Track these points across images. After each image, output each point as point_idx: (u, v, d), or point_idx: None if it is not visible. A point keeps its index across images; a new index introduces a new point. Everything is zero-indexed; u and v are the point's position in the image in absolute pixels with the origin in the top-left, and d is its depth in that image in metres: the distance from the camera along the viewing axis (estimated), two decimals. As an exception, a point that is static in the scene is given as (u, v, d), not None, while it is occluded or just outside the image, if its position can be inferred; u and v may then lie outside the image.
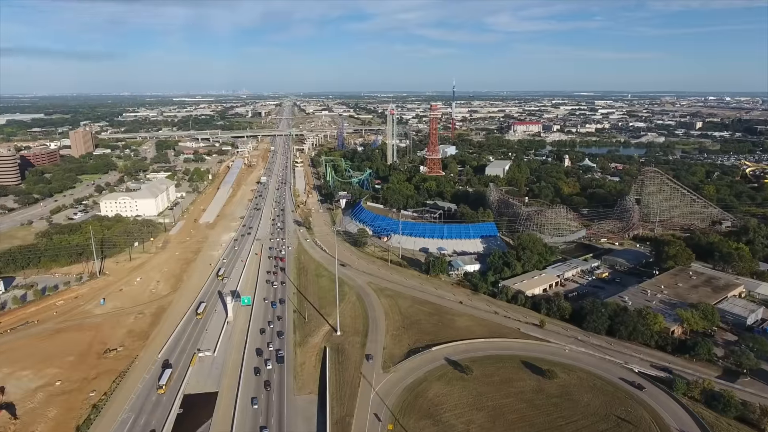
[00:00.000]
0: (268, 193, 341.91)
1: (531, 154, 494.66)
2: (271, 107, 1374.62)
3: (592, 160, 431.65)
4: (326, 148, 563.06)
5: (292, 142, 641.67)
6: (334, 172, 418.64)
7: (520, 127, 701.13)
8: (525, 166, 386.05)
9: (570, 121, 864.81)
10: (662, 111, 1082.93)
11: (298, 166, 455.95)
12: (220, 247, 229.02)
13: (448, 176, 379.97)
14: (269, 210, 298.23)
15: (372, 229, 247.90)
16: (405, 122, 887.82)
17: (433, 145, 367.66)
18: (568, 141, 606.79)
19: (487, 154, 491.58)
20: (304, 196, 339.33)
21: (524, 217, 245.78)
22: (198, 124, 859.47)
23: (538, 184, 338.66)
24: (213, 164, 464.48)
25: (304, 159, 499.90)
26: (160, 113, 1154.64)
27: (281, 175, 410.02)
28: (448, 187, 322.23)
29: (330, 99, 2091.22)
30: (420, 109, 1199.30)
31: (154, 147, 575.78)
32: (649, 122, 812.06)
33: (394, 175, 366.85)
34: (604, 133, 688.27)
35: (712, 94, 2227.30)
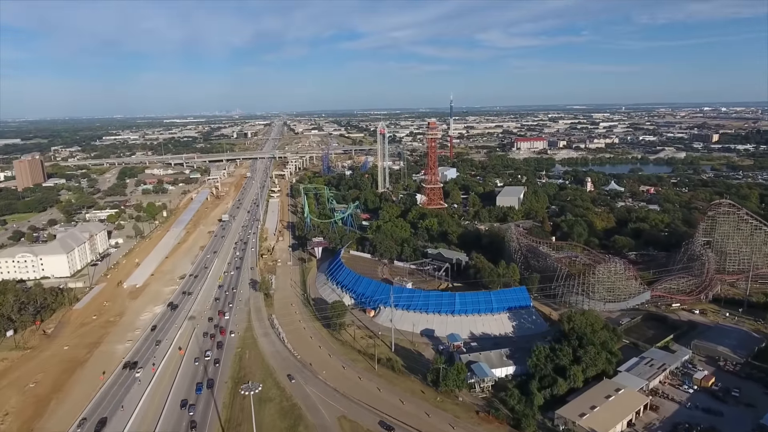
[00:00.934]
0: (229, 237, 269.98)
1: (542, 175, 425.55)
2: (260, 127, 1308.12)
3: (619, 183, 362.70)
4: (310, 173, 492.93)
5: (272, 166, 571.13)
6: (317, 203, 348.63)
7: (524, 144, 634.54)
8: (542, 193, 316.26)
9: (573, 136, 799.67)
10: (667, 123, 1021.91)
11: (274, 196, 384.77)
12: (135, 333, 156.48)
13: (451, 208, 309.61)
14: (223, 263, 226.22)
15: (354, 298, 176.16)
16: (398, 141, 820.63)
17: (432, 170, 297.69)
18: (579, 159, 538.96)
19: (492, 176, 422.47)
20: (274, 238, 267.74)
21: (563, 274, 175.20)
22: (177, 147, 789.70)
23: (563, 217, 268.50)
24: (175, 196, 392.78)
25: (282, 187, 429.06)
26: (143, 136, 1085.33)
27: (252, 210, 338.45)
28: (452, 225, 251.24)
29: (322, 117, 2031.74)
30: (414, 126, 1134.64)
31: (117, 175, 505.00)
32: (658, 135, 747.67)
33: (385, 208, 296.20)
34: (615, 148, 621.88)
35: (706, 105, 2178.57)
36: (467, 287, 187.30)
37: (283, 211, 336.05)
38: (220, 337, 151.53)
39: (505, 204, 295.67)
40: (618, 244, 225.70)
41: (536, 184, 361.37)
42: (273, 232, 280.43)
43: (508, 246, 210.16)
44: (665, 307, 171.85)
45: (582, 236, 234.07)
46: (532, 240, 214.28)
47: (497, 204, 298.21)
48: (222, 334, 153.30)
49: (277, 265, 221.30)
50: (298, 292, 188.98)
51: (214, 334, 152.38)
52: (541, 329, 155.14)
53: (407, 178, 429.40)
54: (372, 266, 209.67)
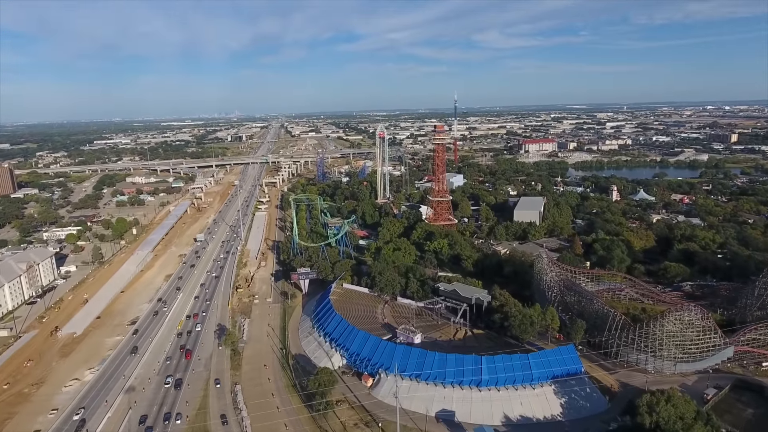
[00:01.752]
0: (202, 263, 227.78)
1: (558, 182, 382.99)
2: (257, 130, 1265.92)
3: (648, 191, 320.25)
4: (304, 180, 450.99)
5: (264, 172, 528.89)
6: (309, 215, 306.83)
7: (532, 146, 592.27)
8: (565, 204, 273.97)
9: (582, 137, 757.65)
10: (676, 123, 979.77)
11: (261, 208, 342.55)
12: (47, 417, 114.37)
13: (461, 223, 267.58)
14: (189, 297, 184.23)
15: (346, 357, 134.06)
16: (398, 143, 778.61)
17: (439, 182, 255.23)
18: (593, 162, 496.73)
19: (503, 183, 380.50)
20: (255, 263, 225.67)
21: (617, 323, 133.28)
22: (167, 152, 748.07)
23: (594, 235, 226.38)
24: (153, 208, 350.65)
25: (272, 197, 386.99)
26: (135, 140, 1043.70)
27: (235, 225, 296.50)
28: (466, 248, 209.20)
29: (321, 119, 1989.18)
30: (414, 127, 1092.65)
31: (95, 184, 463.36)
32: (671, 136, 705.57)
33: (385, 224, 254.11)
34: (630, 150, 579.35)
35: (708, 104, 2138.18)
36: (492, 338, 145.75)
37: (270, 227, 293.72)
38: (161, 426, 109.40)
39: (524, 219, 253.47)
40: (669, 273, 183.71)
41: (554, 193, 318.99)
42: (255, 254, 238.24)
43: (538, 278, 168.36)
44: (755, 367, 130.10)
45: (624, 262, 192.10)
46: (568, 270, 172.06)
47: (515, 219, 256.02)
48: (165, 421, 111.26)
49: (253, 303, 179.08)
50: (276, 345, 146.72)
51: (152, 426, 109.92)
52: (599, 408, 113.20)
53: (409, 185, 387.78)
54: (370, 304, 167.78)
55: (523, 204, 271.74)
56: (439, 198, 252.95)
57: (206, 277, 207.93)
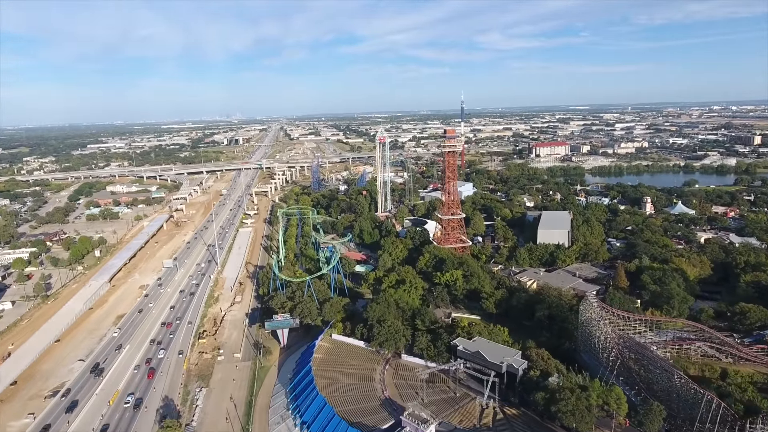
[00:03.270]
0: (166, 295, 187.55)
1: (579, 191, 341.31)
2: (255, 132, 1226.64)
3: (687, 203, 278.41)
4: (299, 188, 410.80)
5: (257, 179, 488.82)
6: (300, 231, 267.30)
7: (543, 149, 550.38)
8: (596, 221, 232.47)
9: (593, 139, 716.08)
10: (688, 123, 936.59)
11: (247, 223, 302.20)
12: None
13: (474, 242, 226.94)
14: (136, 353, 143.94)
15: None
16: (401, 146, 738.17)
17: (450, 196, 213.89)
18: (612, 167, 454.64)
19: (516, 191, 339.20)
20: (230, 296, 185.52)
21: (717, 416, 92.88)
22: (159, 157, 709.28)
23: (637, 262, 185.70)
24: (127, 223, 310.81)
25: (262, 208, 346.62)
26: (130, 144, 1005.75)
27: (215, 245, 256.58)
28: (486, 282, 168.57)
29: (322, 121, 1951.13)
30: (416, 129, 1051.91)
31: (73, 193, 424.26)
32: (688, 138, 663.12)
33: (387, 245, 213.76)
34: (648, 153, 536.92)
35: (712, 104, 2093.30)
36: (532, 423, 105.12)
37: (254, 247, 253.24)
38: None
39: (549, 239, 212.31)
40: (749, 318, 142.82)
41: (578, 206, 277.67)
42: (232, 284, 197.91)
43: (586, 331, 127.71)
44: None
45: (686, 302, 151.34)
46: (620, 316, 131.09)
47: (539, 239, 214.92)
48: None
49: (217, 359, 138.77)
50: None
51: None
52: None
53: (413, 195, 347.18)
54: (366, 366, 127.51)
55: (547, 221, 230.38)
56: (450, 215, 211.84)
57: (173, 310, 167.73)
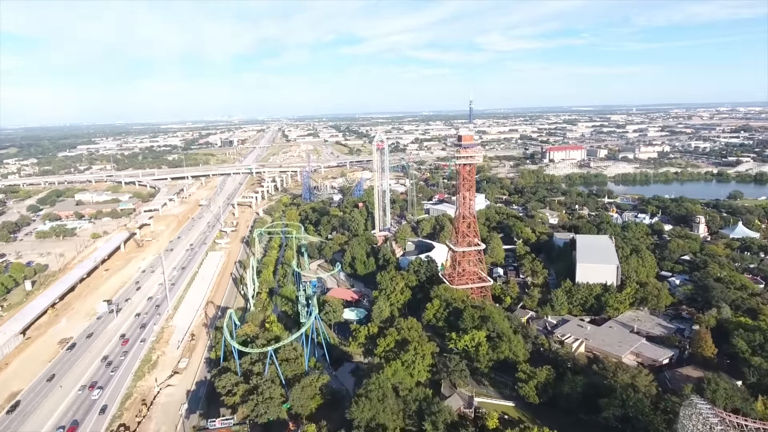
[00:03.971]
0: (87, 358, 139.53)
1: (609, 205, 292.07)
2: (252, 133, 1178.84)
3: (749, 224, 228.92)
4: (287, 198, 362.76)
5: (245, 185, 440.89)
6: (281, 256, 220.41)
7: (557, 153, 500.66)
8: (647, 252, 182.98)
9: (605, 142, 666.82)
10: (704, 126, 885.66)
11: (221, 243, 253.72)
12: None
13: (499, 284, 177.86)
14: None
15: None
16: (402, 149, 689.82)
17: (465, 223, 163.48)
18: (638, 175, 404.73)
19: (536, 204, 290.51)
20: (172, 360, 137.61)
21: None
22: (147, 159, 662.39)
23: (715, 313, 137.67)
24: (82, 241, 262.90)
25: (242, 223, 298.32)
26: (121, 145, 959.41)
27: (178, 274, 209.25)
28: (518, 347, 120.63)
29: (322, 121, 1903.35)
30: (419, 131, 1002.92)
31: (36, 202, 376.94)
32: (710, 141, 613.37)
33: (385, 284, 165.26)
34: (671, 159, 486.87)
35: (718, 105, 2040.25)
36: None
37: (222, 279, 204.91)
38: None
39: (593, 278, 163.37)
40: None
41: (614, 224, 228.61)
42: (181, 338, 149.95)
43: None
44: None
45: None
46: (732, 422, 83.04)
47: (579, 277, 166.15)
48: None
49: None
50: None
51: None
52: None
53: (416, 207, 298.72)
54: None
55: (586, 249, 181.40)
56: (466, 245, 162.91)
57: (69, 406, 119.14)
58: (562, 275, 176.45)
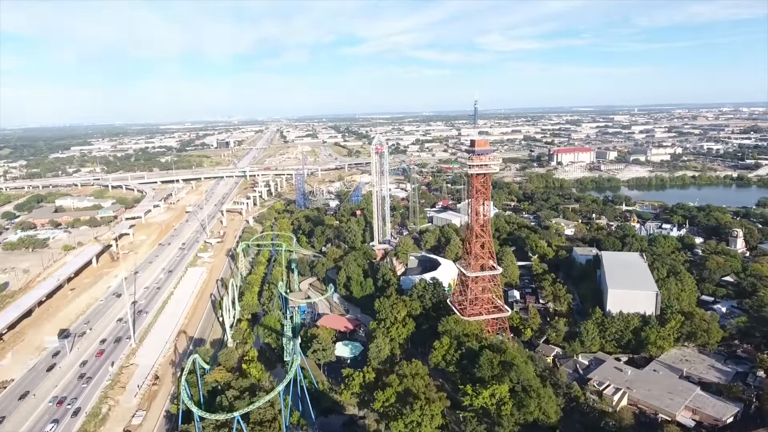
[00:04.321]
0: (16, 415, 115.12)
1: (630, 215, 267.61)
2: (251, 134, 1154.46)
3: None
4: (281, 204, 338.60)
5: (238, 189, 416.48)
6: (268, 272, 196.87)
7: (565, 156, 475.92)
8: (687, 275, 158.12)
9: (613, 143, 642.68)
10: (712, 126, 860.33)
11: (203, 257, 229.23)
12: None
13: (517, 312, 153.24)
14: None
15: None
16: (403, 150, 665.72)
17: (479, 243, 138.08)
18: (653, 179, 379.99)
19: (548, 212, 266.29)
20: (127, 412, 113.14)
21: None
22: (138, 162, 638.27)
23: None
24: (54, 254, 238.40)
25: (230, 233, 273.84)
26: (115, 146, 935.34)
27: (144, 298, 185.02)
28: (549, 405, 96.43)
29: (322, 122, 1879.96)
30: (419, 131, 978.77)
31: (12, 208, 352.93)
32: (722, 143, 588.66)
33: (383, 312, 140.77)
34: (685, 161, 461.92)
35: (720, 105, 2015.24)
36: None
37: (200, 302, 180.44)
38: None
39: (628, 306, 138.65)
40: None
41: (639, 237, 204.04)
42: (141, 382, 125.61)
43: None
44: None
45: None
46: None
47: (609, 305, 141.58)
48: None
49: None
50: None
51: None
52: None
53: (418, 215, 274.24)
54: None
55: (616, 271, 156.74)
56: (479, 269, 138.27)
57: None
58: (588, 300, 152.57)
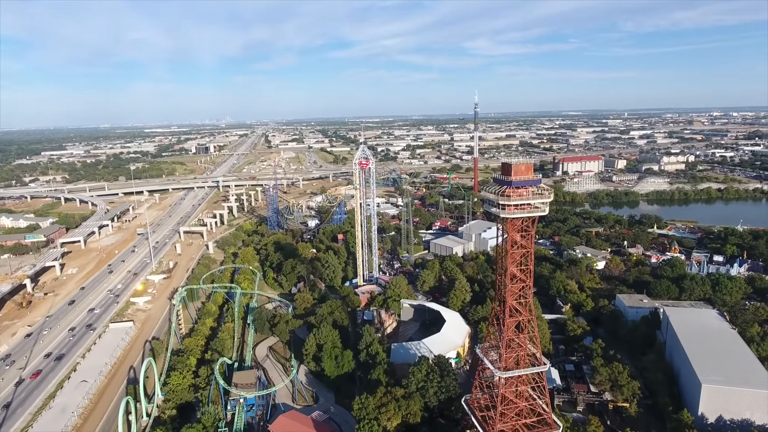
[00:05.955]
0: None
1: (665, 238, 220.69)
2: (234, 138, 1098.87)
3: None
4: (251, 223, 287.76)
5: (206, 202, 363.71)
6: (223, 313, 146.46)
7: (571, 165, 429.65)
8: None
9: (608, 149, 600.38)
10: (714, 132, 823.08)
11: (137, 304, 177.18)
12: None
13: (560, 411, 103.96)
14: None
15: None
16: (393, 157, 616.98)
17: (513, 319, 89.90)
18: (675, 193, 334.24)
19: (571, 239, 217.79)
20: None
21: None
22: (109, 168, 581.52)
23: None
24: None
25: (182, 264, 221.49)
26: (89, 151, 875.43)
27: (40, 370, 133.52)
28: None
29: (311, 126, 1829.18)
30: (410, 136, 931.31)
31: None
32: (733, 149, 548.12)
33: (368, 415, 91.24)
34: (705, 172, 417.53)
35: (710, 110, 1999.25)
36: None
37: (115, 377, 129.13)
38: None
39: (728, 410, 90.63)
40: None
41: (693, 275, 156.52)
42: None
43: None
44: None
45: None
46: None
47: (702, 408, 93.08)
48: None
49: None
50: None
51: None
52: None
53: (412, 241, 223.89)
54: None
55: (698, 346, 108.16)
56: (516, 367, 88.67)
57: None
58: (655, 385, 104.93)
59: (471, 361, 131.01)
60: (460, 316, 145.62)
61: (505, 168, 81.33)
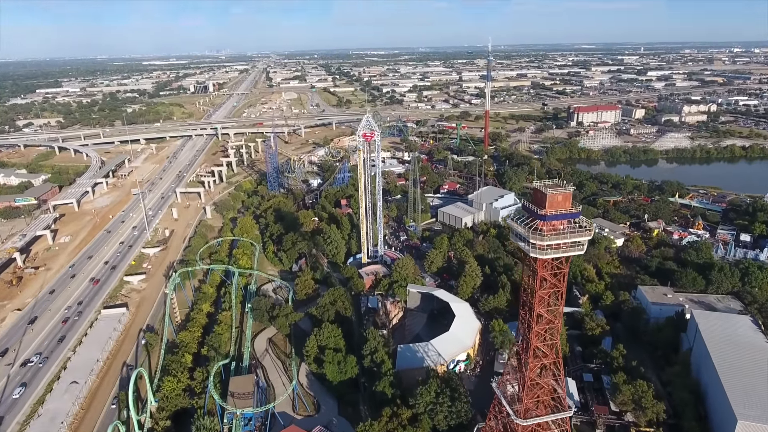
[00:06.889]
0: None
1: (686, 210, 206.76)
2: (234, 74, 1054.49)
3: None
4: (250, 182, 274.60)
5: (204, 156, 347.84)
6: (218, 296, 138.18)
7: (586, 115, 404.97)
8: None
9: (625, 93, 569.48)
10: (736, 74, 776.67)
11: (131, 283, 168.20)
12: None
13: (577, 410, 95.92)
14: None
15: None
16: (399, 100, 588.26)
17: (537, 361, 79.30)
18: (697, 150, 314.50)
19: (587, 209, 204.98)
20: None
21: None
22: (105, 110, 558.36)
23: None
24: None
25: (178, 232, 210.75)
26: (86, 88, 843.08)
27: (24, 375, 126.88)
28: None
29: (313, 59, 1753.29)
30: (417, 74, 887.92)
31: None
32: (757, 96, 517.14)
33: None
34: (729, 125, 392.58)
35: (728, 45, 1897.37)
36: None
37: (108, 374, 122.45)
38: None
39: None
40: None
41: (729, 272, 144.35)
42: None
43: None
44: None
45: None
46: None
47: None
48: None
49: None
50: None
51: None
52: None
53: (419, 209, 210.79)
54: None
55: (732, 367, 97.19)
56: (536, 414, 79.52)
57: None
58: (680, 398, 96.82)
59: (482, 362, 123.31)
60: (470, 308, 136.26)
61: (537, 197, 67.10)
